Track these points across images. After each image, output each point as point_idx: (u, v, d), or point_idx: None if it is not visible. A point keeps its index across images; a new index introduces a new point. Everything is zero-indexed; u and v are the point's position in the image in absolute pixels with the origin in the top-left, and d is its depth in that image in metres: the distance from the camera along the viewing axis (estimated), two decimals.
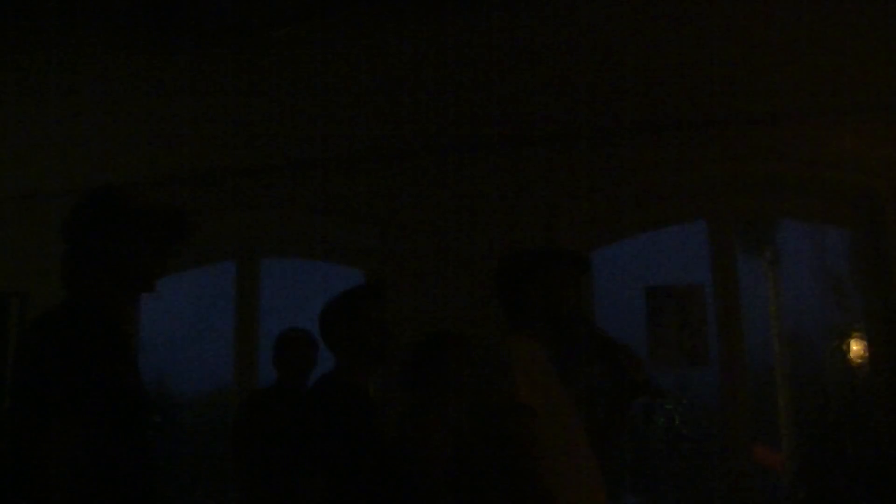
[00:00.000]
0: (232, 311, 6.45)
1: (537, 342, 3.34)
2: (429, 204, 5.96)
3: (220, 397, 6.59)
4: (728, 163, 5.80)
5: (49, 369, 2.46)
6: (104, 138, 6.34)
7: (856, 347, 5.82)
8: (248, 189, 6.33)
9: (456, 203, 5.88)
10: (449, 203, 5.90)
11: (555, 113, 5.86)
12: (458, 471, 3.86)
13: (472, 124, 5.93)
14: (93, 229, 2.71)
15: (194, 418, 6.70)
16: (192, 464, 6.44)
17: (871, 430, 5.62)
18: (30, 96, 6.10)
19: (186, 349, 6.51)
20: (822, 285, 6.15)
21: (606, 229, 6.05)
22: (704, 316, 5.82)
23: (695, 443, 5.92)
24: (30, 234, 6.32)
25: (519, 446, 3.06)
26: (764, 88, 5.57)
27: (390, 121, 6.03)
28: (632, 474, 5.52)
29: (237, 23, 5.43)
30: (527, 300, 3.38)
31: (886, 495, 5.34)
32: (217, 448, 6.36)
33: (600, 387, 5.17)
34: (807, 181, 5.79)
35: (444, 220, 5.88)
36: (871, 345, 5.69)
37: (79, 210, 2.76)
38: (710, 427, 5.93)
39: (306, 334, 5.24)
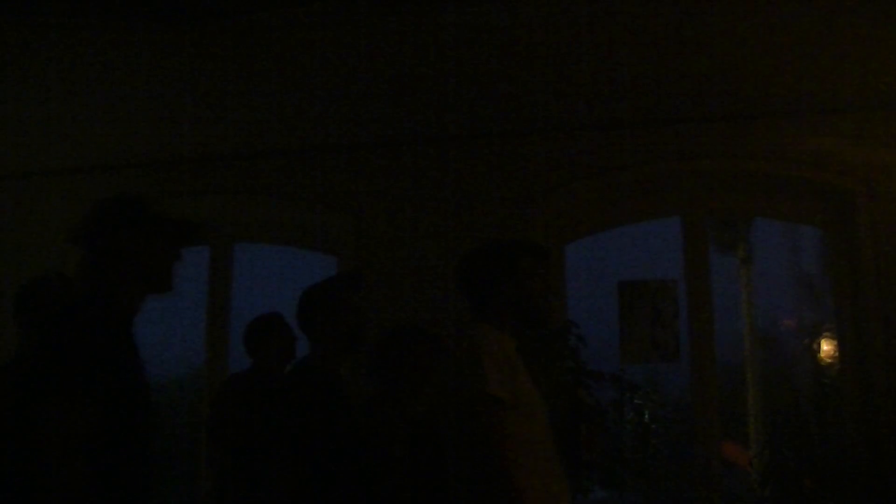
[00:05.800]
0: (205, 296, 6.42)
1: (505, 333, 3.34)
2: (403, 194, 5.95)
3: (191, 381, 6.57)
4: (703, 160, 5.82)
5: (64, 356, 2.51)
6: (79, 121, 6.29)
7: (826, 346, 5.86)
8: (223, 174, 6.30)
9: (430, 194, 5.88)
10: (423, 194, 5.90)
11: (531, 108, 5.86)
12: (422, 463, 3.88)
13: (449, 117, 5.92)
14: (118, 234, 2.80)
15: (165, 402, 6.68)
16: (163, 447, 6.41)
17: (840, 428, 5.66)
18: None
19: (159, 333, 6.47)
20: (794, 284, 6.19)
21: (580, 223, 6.06)
22: (676, 312, 5.84)
23: (664, 438, 5.95)
24: None
25: (489, 438, 3.05)
26: (739, 88, 5.58)
27: (368, 111, 6.01)
28: (600, 468, 5.52)
29: (218, 5, 5.40)
30: (494, 291, 3.38)
31: (852, 493, 5.38)
32: (188, 432, 6.34)
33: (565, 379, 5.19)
34: (781, 180, 5.82)
35: (417, 210, 5.88)
36: (841, 344, 5.73)
37: (101, 215, 2.85)
38: (680, 422, 5.96)
39: (283, 320, 5.21)
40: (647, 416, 5.87)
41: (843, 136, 5.59)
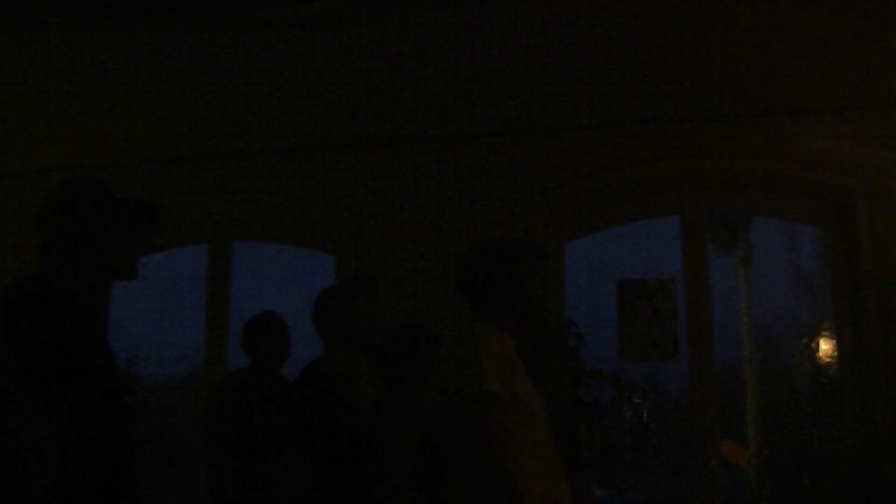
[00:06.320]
0: (203, 295, 6.41)
1: (504, 332, 3.34)
2: (403, 194, 5.94)
3: (189, 380, 6.56)
4: (702, 159, 5.82)
5: (24, 347, 2.45)
6: (79, 121, 6.30)
7: (825, 346, 5.86)
8: (222, 173, 6.29)
9: (430, 194, 5.87)
10: (423, 193, 5.89)
11: (531, 108, 5.86)
12: (423, 464, 3.89)
13: (448, 117, 5.92)
14: (78, 218, 2.73)
15: (163, 401, 6.66)
16: (161, 447, 6.41)
17: (838, 427, 5.67)
18: None
19: (157, 331, 6.46)
20: (792, 283, 6.19)
21: (579, 222, 6.05)
22: (675, 311, 5.84)
23: (663, 437, 5.94)
24: None
25: (486, 434, 3.06)
26: (739, 88, 5.59)
27: (368, 110, 6.01)
28: (599, 467, 5.52)
29: (218, 5, 5.41)
30: (494, 290, 3.38)
31: (851, 492, 5.39)
32: (186, 431, 6.33)
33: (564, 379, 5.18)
34: (780, 179, 5.82)
35: (417, 209, 5.87)
36: (840, 344, 5.73)
37: (60, 199, 2.78)
38: (679, 422, 5.96)
39: (280, 318, 5.19)
40: (645, 416, 5.86)
41: (842, 135, 5.58)
